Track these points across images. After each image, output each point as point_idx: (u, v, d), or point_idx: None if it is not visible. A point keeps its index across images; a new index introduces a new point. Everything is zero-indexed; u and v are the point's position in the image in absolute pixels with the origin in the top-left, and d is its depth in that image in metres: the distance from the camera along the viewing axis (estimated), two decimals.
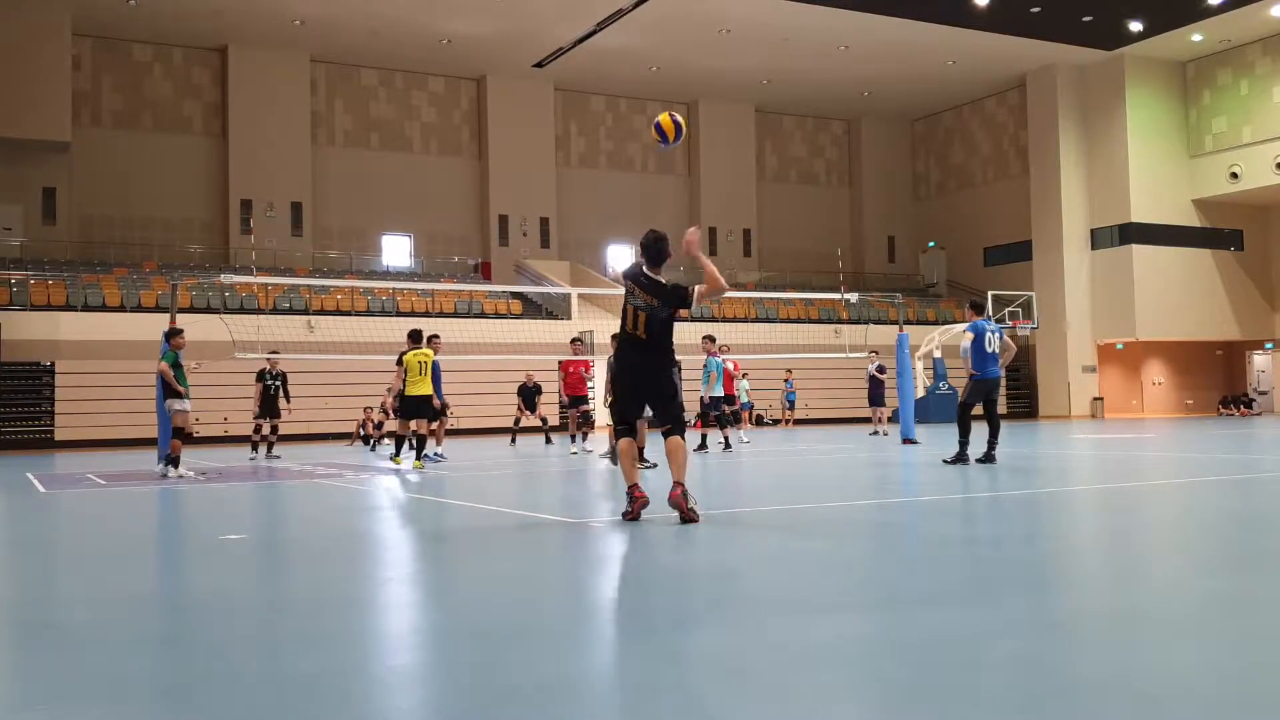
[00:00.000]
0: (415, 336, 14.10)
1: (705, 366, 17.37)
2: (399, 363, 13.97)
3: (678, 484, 6.98)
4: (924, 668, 3.30)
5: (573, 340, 17.93)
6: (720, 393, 17.17)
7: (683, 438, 7.25)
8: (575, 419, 17.42)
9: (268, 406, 17.77)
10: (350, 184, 35.40)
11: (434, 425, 15.72)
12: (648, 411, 7.52)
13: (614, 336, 13.97)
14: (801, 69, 36.82)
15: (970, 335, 12.11)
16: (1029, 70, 37.24)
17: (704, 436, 17.28)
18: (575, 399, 17.35)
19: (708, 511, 7.83)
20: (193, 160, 33.62)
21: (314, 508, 9.65)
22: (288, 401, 18.02)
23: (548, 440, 20.87)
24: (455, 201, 36.99)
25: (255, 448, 18.05)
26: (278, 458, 17.46)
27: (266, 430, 18.04)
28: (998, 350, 12.16)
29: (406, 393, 13.69)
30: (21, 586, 5.60)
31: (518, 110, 37.02)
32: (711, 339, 17.43)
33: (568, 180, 38.51)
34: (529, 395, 21.29)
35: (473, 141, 37.48)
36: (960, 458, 11.89)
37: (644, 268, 7.45)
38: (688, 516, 6.89)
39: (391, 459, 13.99)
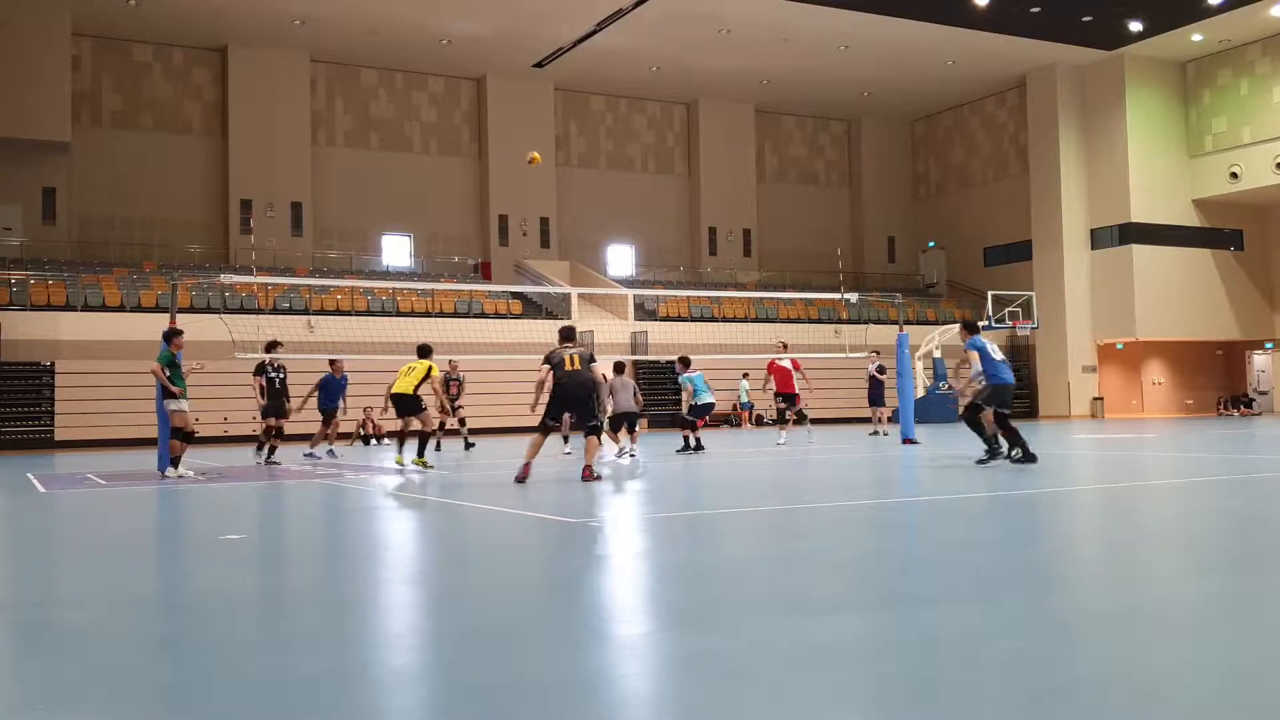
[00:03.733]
0: (423, 351, 14.47)
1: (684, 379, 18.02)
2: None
3: (588, 466, 11.13)
4: (924, 668, 3.30)
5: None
6: (705, 402, 17.62)
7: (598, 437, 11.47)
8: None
9: (275, 403, 15.98)
10: (350, 184, 35.40)
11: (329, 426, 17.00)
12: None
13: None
14: (801, 69, 36.82)
15: (975, 354, 11.61)
16: (1029, 70, 37.24)
17: (686, 439, 17.20)
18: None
19: (708, 511, 7.83)
20: (193, 160, 33.61)
21: (314, 508, 9.65)
22: (288, 401, 16.54)
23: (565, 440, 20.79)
24: (455, 201, 36.98)
25: (262, 447, 16.13)
26: (277, 464, 15.75)
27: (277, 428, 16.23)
28: (1003, 358, 11.78)
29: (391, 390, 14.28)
30: (21, 586, 5.60)
31: (518, 110, 37.02)
32: (685, 360, 17.84)
33: (568, 180, 38.50)
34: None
35: (473, 141, 37.48)
36: (999, 453, 11.28)
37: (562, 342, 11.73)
38: (592, 478, 10.90)
39: (396, 460, 14.16)
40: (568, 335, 12.02)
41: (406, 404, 14.06)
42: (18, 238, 30.83)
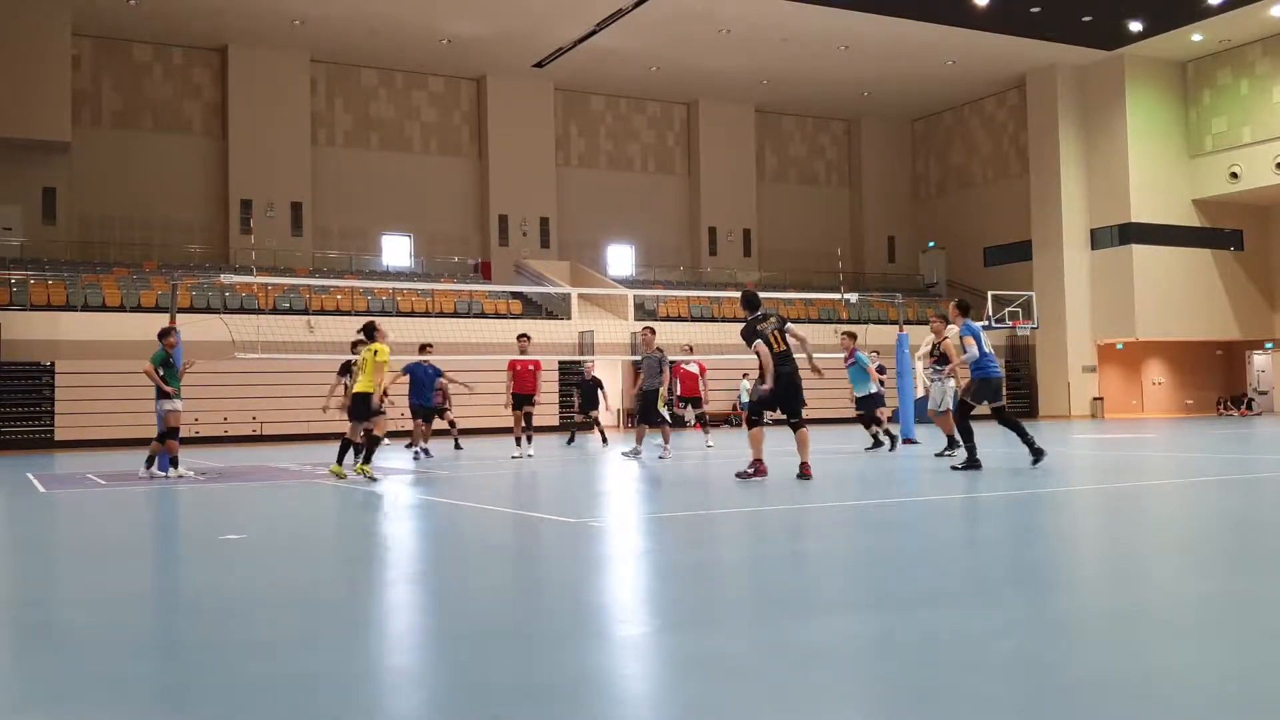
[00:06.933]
0: (368, 332, 12.30)
1: (857, 363, 16.74)
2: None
3: (805, 463, 10.11)
4: (924, 668, 3.30)
5: (520, 336, 16.74)
6: (873, 390, 16.64)
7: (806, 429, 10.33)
8: (520, 420, 16.20)
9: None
10: (350, 184, 35.39)
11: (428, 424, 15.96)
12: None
13: (648, 333, 15.37)
14: (801, 69, 36.82)
15: (971, 340, 11.41)
16: (1029, 70, 37.24)
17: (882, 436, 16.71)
18: (521, 398, 16.13)
19: (707, 512, 7.81)
20: (193, 160, 33.61)
21: (313, 508, 9.65)
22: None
23: (604, 440, 20.93)
24: (455, 201, 36.98)
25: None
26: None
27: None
28: (991, 350, 11.64)
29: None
30: (21, 586, 5.60)
31: (518, 110, 37.02)
32: (853, 335, 16.75)
33: (568, 180, 38.51)
34: (590, 392, 20.72)
35: (473, 141, 37.48)
36: (977, 461, 11.05)
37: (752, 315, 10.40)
38: (807, 475, 10.02)
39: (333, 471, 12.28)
40: (750, 301, 10.40)
41: (361, 406, 11.92)
42: (18, 238, 30.83)
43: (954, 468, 11.39)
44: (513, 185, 36.96)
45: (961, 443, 11.42)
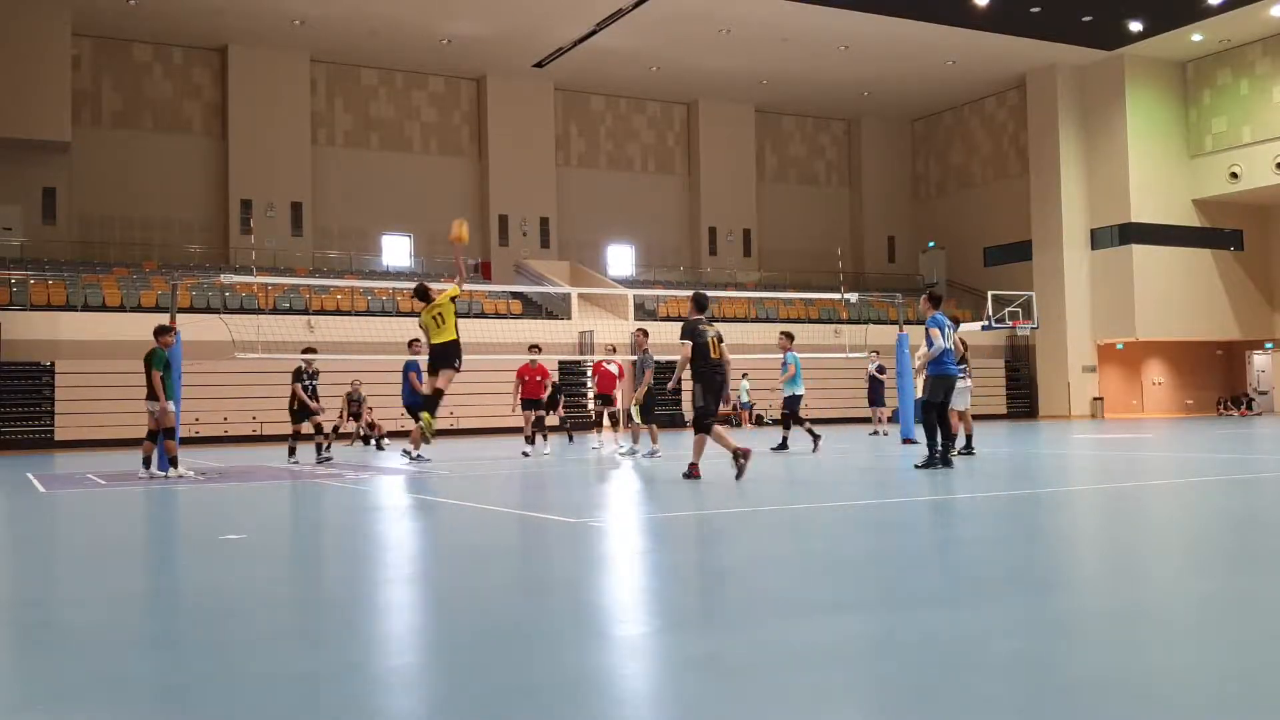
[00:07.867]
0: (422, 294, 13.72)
1: (785, 362, 17.10)
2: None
3: (694, 464, 10.43)
4: (924, 668, 3.30)
5: (531, 347, 17.91)
6: (800, 390, 16.93)
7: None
8: (530, 421, 17.30)
9: (304, 409, 15.78)
10: (350, 184, 35.40)
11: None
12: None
13: (643, 333, 16.10)
14: (801, 69, 36.83)
15: (936, 331, 11.62)
16: (1029, 70, 37.25)
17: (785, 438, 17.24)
18: (530, 403, 17.36)
19: (707, 511, 7.81)
20: (193, 160, 33.62)
21: (314, 508, 9.65)
22: (317, 402, 16.34)
23: (570, 439, 21.40)
24: (455, 201, 36.96)
25: (293, 452, 15.92)
26: (329, 459, 15.57)
27: (311, 430, 15.79)
28: (952, 346, 11.73)
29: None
30: (21, 586, 5.60)
31: (518, 110, 37.03)
32: (789, 335, 17.29)
33: (568, 180, 38.51)
34: (551, 395, 21.26)
35: (473, 141, 37.48)
36: (936, 460, 11.18)
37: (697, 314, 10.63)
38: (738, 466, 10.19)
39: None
40: (701, 303, 10.67)
41: (442, 354, 12.83)
42: (18, 238, 30.83)
43: (916, 466, 11.44)
44: (513, 185, 36.97)
45: (931, 441, 11.38)
